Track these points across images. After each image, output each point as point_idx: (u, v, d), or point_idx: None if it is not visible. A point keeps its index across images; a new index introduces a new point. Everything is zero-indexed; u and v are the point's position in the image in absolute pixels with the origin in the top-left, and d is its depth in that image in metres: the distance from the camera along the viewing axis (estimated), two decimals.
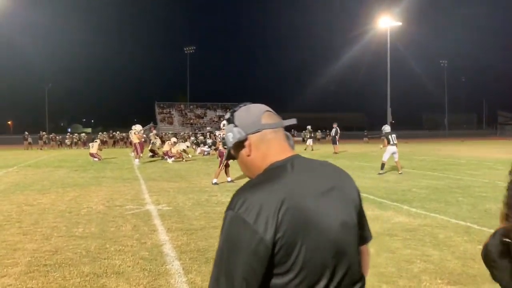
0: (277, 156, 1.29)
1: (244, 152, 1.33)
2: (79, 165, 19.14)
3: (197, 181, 12.42)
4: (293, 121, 1.42)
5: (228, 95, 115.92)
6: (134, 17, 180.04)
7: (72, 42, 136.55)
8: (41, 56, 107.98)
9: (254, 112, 1.33)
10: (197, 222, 6.83)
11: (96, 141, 23.77)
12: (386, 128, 14.35)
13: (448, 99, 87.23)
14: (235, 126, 1.32)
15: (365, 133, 53.77)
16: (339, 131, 27.24)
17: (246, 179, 5.17)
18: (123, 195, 9.74)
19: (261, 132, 1.30)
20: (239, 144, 1.33)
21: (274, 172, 1.24)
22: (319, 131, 51.74)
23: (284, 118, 1.43)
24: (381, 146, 14.39)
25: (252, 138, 1.31)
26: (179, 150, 21.44)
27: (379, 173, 13.61)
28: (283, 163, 1.27)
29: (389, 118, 48.91)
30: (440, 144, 41.16)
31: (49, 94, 77.79)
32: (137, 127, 20.61)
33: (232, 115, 1.35)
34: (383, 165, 13.92)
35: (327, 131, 51.58)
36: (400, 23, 52.77)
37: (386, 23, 51.42)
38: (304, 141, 32.43)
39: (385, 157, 13.94)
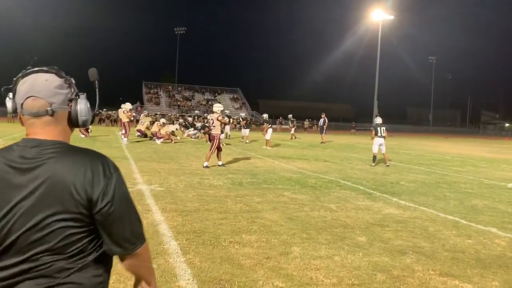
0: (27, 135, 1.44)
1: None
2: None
3: (187, 163, 12.41)
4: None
5: (217, 79, 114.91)
6: None
7: (59, 15, 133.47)
8: (27, 29, 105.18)
9: (22, 94, 1.40)
10: (191, 204, 6.85)
11: None
12: (378, 120, 14.53)
13: (434, 95, 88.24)
14: (11, 98, 1.44)
15: (353, 125, 54.15)
16: (327, 121, 27.44)
17: (238, 163, 5.14)
18: None
19: (23, 116, 1.43)
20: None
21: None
22: (306, 120, 52.00)
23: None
24: (371, 137, 14.59)
25: (20, 114, 1.44)
26: (168, 132, 21.36)
27: (371, 165, 13.77)
28: (17, 143, 1.42)
29: (375, 110, 49.35)
30: (424, 139, 41.76)
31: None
32: (127, 106, 20.41)
33: (15, 84, 1.44)
34: (374, 158, 14.10)
35: (315, 120, 51.89)
36: (392, 17, 52.94)
37: (378, 16, 51.52)
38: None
39: (375, 149, 14.12)
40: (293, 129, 32.54)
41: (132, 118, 20.91)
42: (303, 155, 17.13)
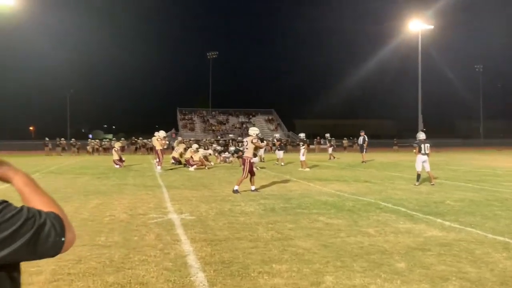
0: None
1: None
2: (101, 172, 19.56)
3: (219, 189, 12.55)
4: None
5: (251, 101, 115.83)
6: (157, 23, 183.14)
7: (94, 47, 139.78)
8: (64, 62, 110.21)
9: None
10: (221, 232, 6.89)
11: (113, 147, 24.44)
12: (420, 135, 14.10)
13: (483, 106, 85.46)
14: None
15: (395, 141, 53.05)
16: (366, 139, 27.03)
17: (272, 187, 8.66)
18: (146, 203, 9.91)
19: None
20: None
21: None
22: (345, 138, 51.37)
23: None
24: (414, 152, 14.18)
25: None
26: (201, 157, 21.63)
27: (415, 185, 13.41)
28: None
29: (420, 125, 48.22)
30: (475, 153, 40.30)
31: (71, 99, 79.88)
32: (161, 133, 20.91)
33: None
34: (418, 176, 13.68)
35: (354, 138, 51.17)
36: (432, 26, 52.10)
37: (417, 26, 50.86)
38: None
39: (418, 167, 13.73)
40: (330, 149, 32.23)
41: (165, 146, 21.38)
42: (341, 176, 16.93)
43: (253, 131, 12.39)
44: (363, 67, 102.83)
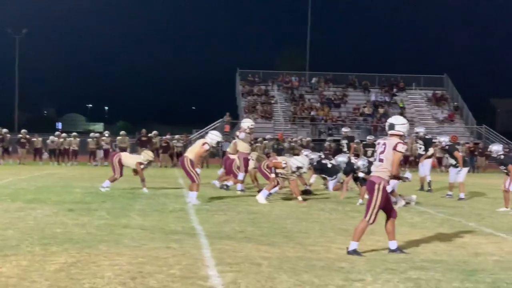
0: None
1: None
2: (75, 199, 16.83)
3: (320, 245, 10.30)
4: None
5: (396, 58, 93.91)
6: None
7: None
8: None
9: None
10: None
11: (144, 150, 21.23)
12: None
13: None
14: None
15: None
16: None
17: (436, 245, 10.49)
18: (165, 267, 8.20)
19: None
20: None
21: None
22: None
23: None
24: None
25: None
26: (294, 167, 17.21)
27: None
28: None
29: None
30: None
31: (22, 52, 62.68)
32: (247, 122, 19.72)
33: None
34: None
35: None
36: None
37: None
38: None
39: None
40: None
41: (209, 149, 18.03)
42: None
43: (398, 122, 9.79)
44: None
